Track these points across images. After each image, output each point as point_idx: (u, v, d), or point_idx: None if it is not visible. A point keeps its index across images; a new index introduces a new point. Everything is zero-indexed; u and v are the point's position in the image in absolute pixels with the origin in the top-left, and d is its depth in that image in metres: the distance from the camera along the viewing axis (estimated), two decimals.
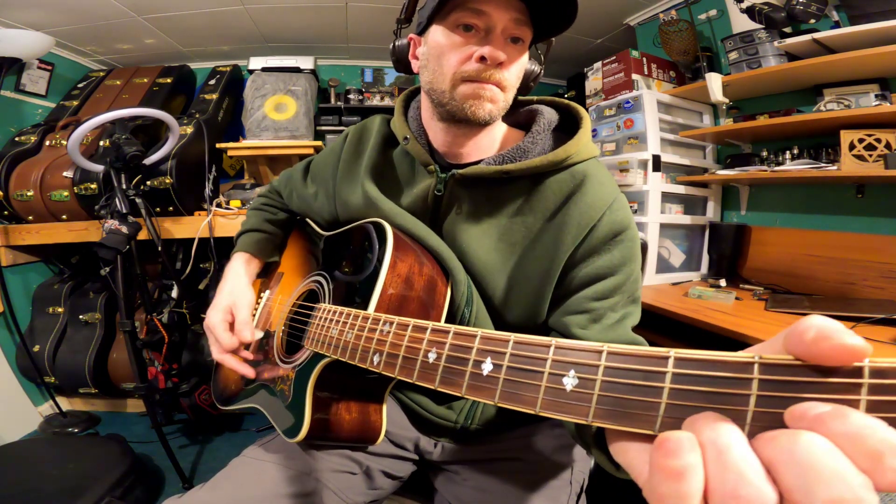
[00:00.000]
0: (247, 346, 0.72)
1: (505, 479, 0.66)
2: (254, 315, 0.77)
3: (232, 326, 0.70)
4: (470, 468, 0.69)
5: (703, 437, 0.20)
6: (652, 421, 0.24)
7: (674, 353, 0.24)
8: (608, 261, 0.57)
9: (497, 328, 0.63)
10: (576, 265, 0.58)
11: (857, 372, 0.19)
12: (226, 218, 1.77)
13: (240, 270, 0.77)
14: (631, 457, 0.26)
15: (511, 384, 0.30)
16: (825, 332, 0.19)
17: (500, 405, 0.30)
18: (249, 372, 0.68)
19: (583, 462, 0.72)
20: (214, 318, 0.70)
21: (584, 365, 0.27)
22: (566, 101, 0.66)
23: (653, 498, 0.20)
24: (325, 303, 0.60)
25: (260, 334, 0.72)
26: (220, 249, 1.77)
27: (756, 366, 0.21)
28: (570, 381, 0.27)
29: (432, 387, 0.35)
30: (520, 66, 0.58)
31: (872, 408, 0.18)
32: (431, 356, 0.36)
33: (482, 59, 0.53)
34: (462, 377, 0.33)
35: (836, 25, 1.49)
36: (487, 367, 0.31)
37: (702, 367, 0.23)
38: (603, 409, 0.25)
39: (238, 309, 0.71)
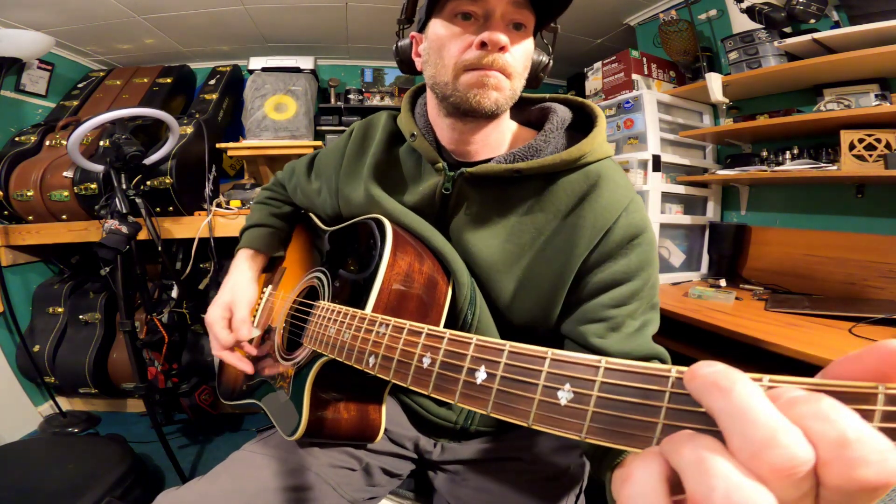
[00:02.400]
0: (250, 342, 0.73)
1: (504, 480, 0.66)
2: (255, 312, 0.77)
3: (230, 323, 0.71)
4: (469, 468, 0.69)
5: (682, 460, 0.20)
6: (648, 441, 0.23)
7: (675, 370, 0.23)
8: (625, 266, 0.55)
9: (501, 331, 0.62)
10: (590, 270, 0.56)
11: (872, 396, 0.19)
12: (226, 218, 1.77)
13: (243, 267, 0.77)
14: None
15: (504, 395, 0.29)
16: None
17: (492, 415, 0.29)
18: (248, 368, 0.68)
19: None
20: (214, 315, 0.70)
21: (580, 379, 0.26)
22: (580, 100, 0.63)
23: None
24: (324, 300, 0.60)
25: (257, 332, 0.72)
26: (220, 249, 1.77)
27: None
28: (564, 395, 0.26)
29: (426, 392, 0.34)
30: (524, 52, 0.55)
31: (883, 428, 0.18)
32: (426, 361, 0.35)
33: (482, 44, 0.50)
34: (455, 384, 0.32)
35: (836, 25, 1.49)
36: (481, 375, 0.30)
37: None
38: (597, 426, 0.25)
39: (237, 306, 0.71)
